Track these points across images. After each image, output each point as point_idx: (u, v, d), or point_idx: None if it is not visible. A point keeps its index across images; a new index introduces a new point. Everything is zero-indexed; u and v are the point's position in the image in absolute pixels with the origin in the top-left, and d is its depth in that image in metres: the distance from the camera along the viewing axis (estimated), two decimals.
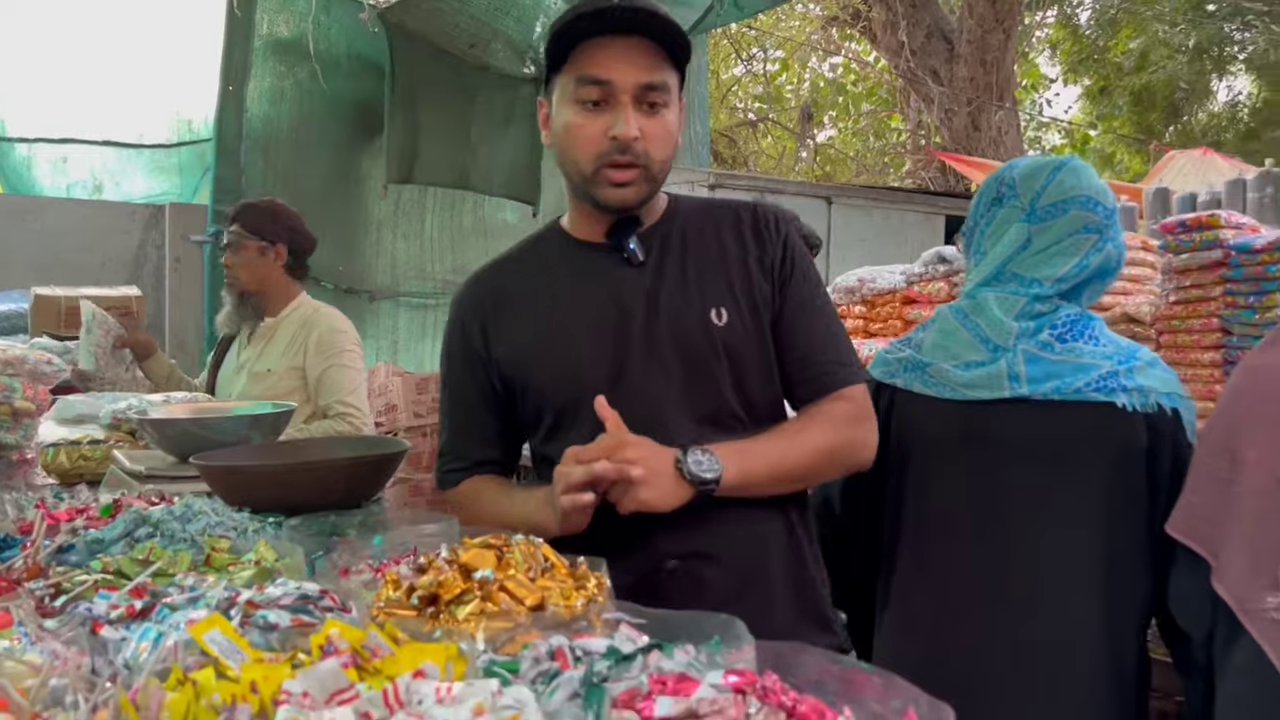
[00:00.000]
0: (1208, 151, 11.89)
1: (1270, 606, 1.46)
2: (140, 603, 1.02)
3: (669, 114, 1.62)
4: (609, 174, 1.59)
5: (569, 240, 1.75)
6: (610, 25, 1.56)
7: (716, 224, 1.73)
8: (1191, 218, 2.91)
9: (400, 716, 0.71)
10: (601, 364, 1.65)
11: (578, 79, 1.57)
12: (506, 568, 1.13)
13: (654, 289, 1.67)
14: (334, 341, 3.20)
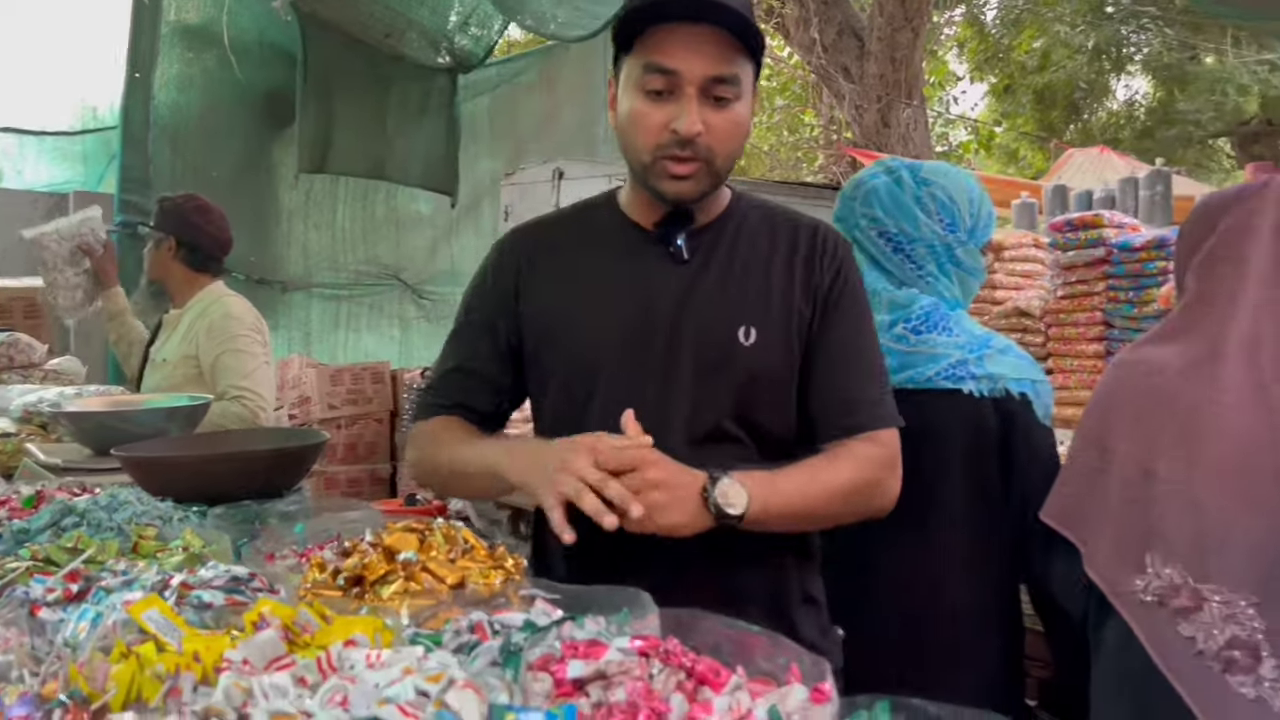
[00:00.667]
0: (1105, 149, 12.35)
1: (1138, 589, 1.55)
2: (76, 586, 1.07)
3: (738, 107, 1.53)
4: (668, 165, 1.52)
5: (621, 217, 1.68)
6: (681, 12, 1.48)
7: (772, 235, 1.66)
8: (1077, 217, 3.08)
9: (334, 680, 0.78)
10: (617, 352, 1.60)
11: (645, 66, 1.49)
12: (428, 550, 1.20)
13: (690, 291, 1.60)
14: (226, 327, 3.16)
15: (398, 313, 8.76)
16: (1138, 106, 17.76)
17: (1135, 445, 1.59)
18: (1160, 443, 1.55)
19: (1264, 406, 1.49)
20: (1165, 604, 1.51)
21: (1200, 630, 1.49)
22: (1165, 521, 1.52)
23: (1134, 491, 1.57)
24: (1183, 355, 1.58)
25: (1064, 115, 17.07)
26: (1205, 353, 1.56)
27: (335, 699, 0.75)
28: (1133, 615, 1.56)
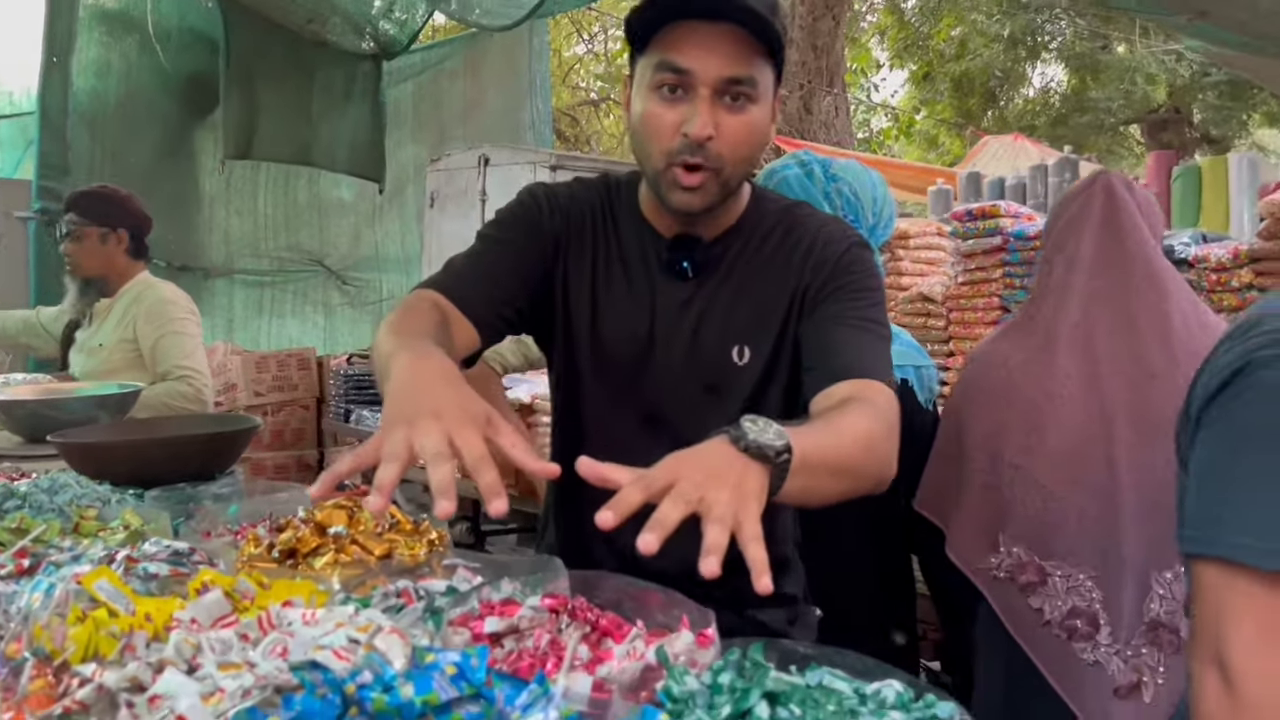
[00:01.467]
0: (1019, 137, 12.70)
1: (992, 566, 1.71)
2: (26, 562, 1.15)
3: (755, 111, 1.43)
4: (678, 174, 1.43)
5: (638, 215, 1.60)
6: (698, 8, 1.39)
7: (783, 240, 1.57)
8: (976, 207, 3.25)
9: (273, 635, 0.88)
10: (625, 358, 1.57)
11: (657, 64, 1.41)
12: (357, 524, 1.30)
13: (690, 308, 1.55)
14: (163, 311, 3.23)
15: (321, 299, 8.74)
16: (1052, 94, 18.22)
17: (986, 434, 1.73)
18: (1006, 432, 1.69)
19: (1095, 397, 1.64)
20: (1015, 579, 1.67)
21: (1046, 602, 1.65)
22: (1013, 505, 1.67)
23: (986, 478, 1.72)
24: (1023, 347, 1.72)
25: (981, 102, 17.45)
26: (1041, 344, 1.69)
27: (275, 650, 0.85)
28: (989, 590, 1.71)
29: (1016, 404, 1.69)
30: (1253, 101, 15.77)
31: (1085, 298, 1.69)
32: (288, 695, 0.71)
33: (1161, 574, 1.60)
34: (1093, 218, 1.72)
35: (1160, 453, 1.60)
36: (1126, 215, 1.74)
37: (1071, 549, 1.63)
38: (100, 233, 3.26)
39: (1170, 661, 1.60)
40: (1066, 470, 1.64)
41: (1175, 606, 1.59)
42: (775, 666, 0.88)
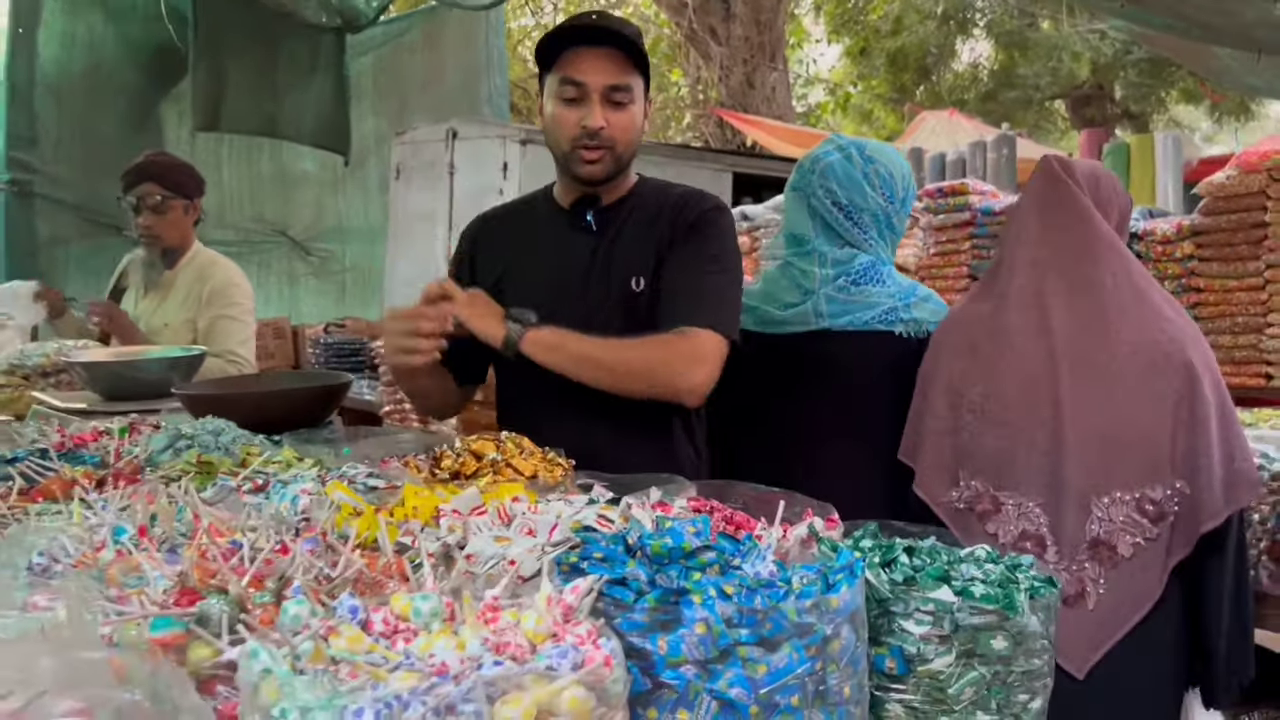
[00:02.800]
0: (954, 113, 13.15)
1: (953, 499, 1.99)
2: (260, 479, 1.42)
3: (633, 109, 2.04)
4: (582, 154, 2.03)
5: (552, 203, 2.21)
6: (586, 38, 1.99)
7: (659, 207, 2.14)
8: (947, 185, 3.58)
9: (516, 524, 1.17)
10: (546, 305, 2.01)
11: (560, 79, 2.01)
12: (505, 452, 1.59)
13: (597, 254, 2.11)
14: (227, 294, 3.33)
15: (286, 270, 8.87)
16: (982, 70, 18.73)
17: (948, 383, 2.02)
18: (968, 377, 1.98)
19: (1042, 346, 1.94)
20: (973, 509, 1.96)
21: (999, 527, 1.94)
22: (971, 444, 1.96)
23: (948, 421, 2.00)
24: (981, 309, 2.03)
25: (915, 77, 17.90)
26: (997, 305, 2.01)
27: (524, 530, 1.14)
28: (950, 520, 1.98)
29: (978, 356, 1.98)
30: (1171, 79, 16.41)
31: (1029, 264, 2.00)
32: (590, 540, 1.00)
33: (1099, 499, 1.88)
34: (1035, 196, 2.05)
35: (1097, 393, 1.90)
36: (1065, 192, 2.03)
37: (1021, 480, 1.91)
38: (184, 204, 3.33)
39: (1109, 574, 1.88)
40: (1018, 410, 1.93)
41: (1113, 527, 1.88)
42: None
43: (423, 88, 9.18)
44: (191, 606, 0.88)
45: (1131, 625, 1.87)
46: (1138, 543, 1.88)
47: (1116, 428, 1.90)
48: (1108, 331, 1.94)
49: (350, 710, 0.68)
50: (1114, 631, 1.87)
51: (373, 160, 8.89)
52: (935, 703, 0.98)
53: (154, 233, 3.34)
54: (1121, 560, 1.89)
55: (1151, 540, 1.88)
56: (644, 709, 0.84)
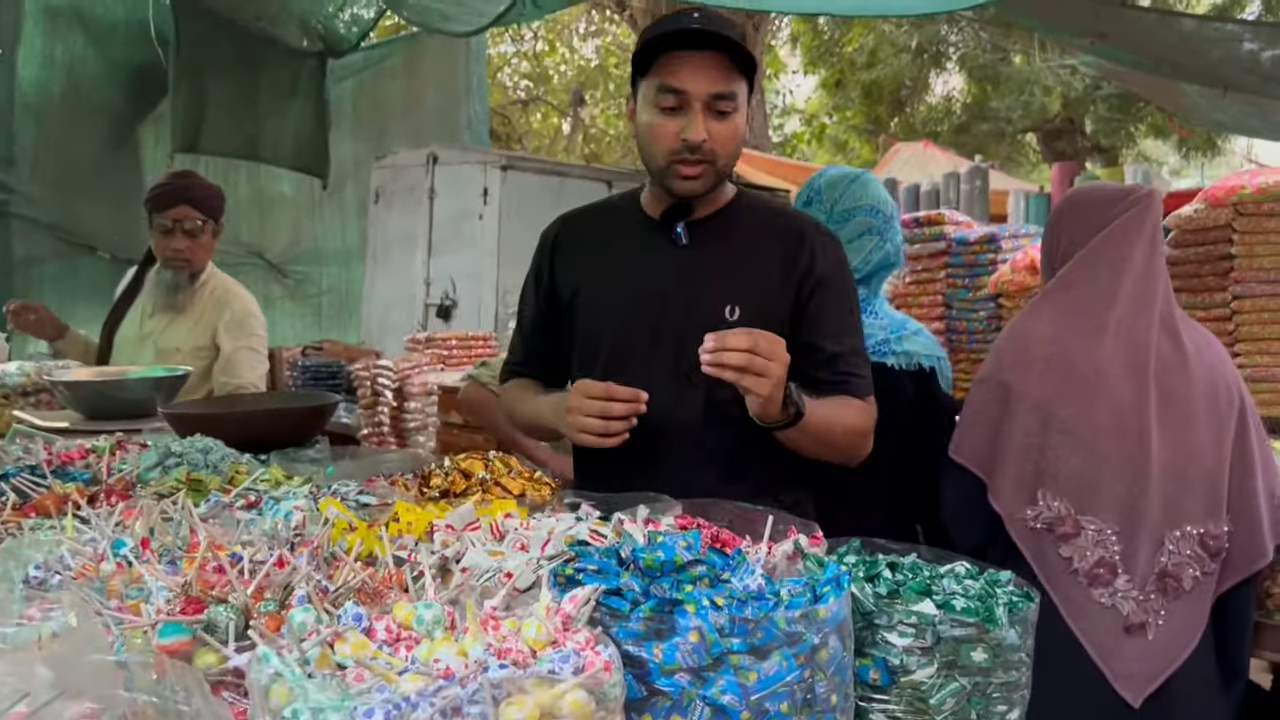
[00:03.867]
0: (928, 144, 13.35)
1: (1029, 518, 2.00)
2: (253, 496, 1.44)
3: (736, 118, 1.85)
4: (679, 169, 1.84)
5: (639, 210, 2.01)
6: (689, 41, 1.79)
7: (764, 228, 1.97)
8: (924, 215, 3.65)
9: (509, 540, 1.19)
10: (622, 322, 1.93)
11: (659, 87, 1.82)
12: (493, 470, 1.61)
13: (687, 272, 1.92)
14: (248, 324, 3.30)
15: (262, 291, 8.81)
16: (955, 103, 18.98)
17: (1039, 400, 2.01)
18: (1061, 399, 1.99)
19: (1134, 380, 1.98)
20: (1052, 530, 1.98)
21: (1075, 552, 1.96)
22: (1058, 463, 1.97)
23: (1033, 439, 2.00)
24: (1075, 328, 2.02)
25: (889, 109, 18.12)
26: (1094, 328, 2.01)
27: (516, 545, 1.17)
28: (1021, 538, 2.00)
29: (1072, 377, 1.99)
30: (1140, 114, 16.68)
31: (1129, 296, 2.02)
32: (584, 553, 1.03)
33: (1172, 532, 1.95)
34: (1145, 230, 2.05)
35: (1181, 432, 1.97)
36: (1161, 234, 2.10)
37: (1103, 506, 1.95)
38: (214, 228, 3.29)
39: (1171, 606, 1.94)
40: (1109, 439, 1.96)
41: (1182, 560, 1.94)
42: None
43: (402, 113, 9.22)
44: (197, 615, 0.90)
45: (1186, 656, 1.92)
46: (1197, 576, 1.95)
47: (1189, 464, 1.97)
48: (1188, 369, 2.01)
49: (361, 710, 0.71)
50: (1171, 662, 1.93)
51: (351, 184, 8.90)
52: (918, 713, 1.01)
53: (185, 256, 3.25)
54: (1184, 593, 1.96)
55: (1209, 574, 1.96)
56: (639, 715, 0.87)
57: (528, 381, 2.11)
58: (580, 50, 17.17)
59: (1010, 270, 3.29)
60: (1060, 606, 1.94)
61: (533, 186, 7.25)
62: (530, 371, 2.12)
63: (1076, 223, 2.13)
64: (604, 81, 16.83)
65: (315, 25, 7.58)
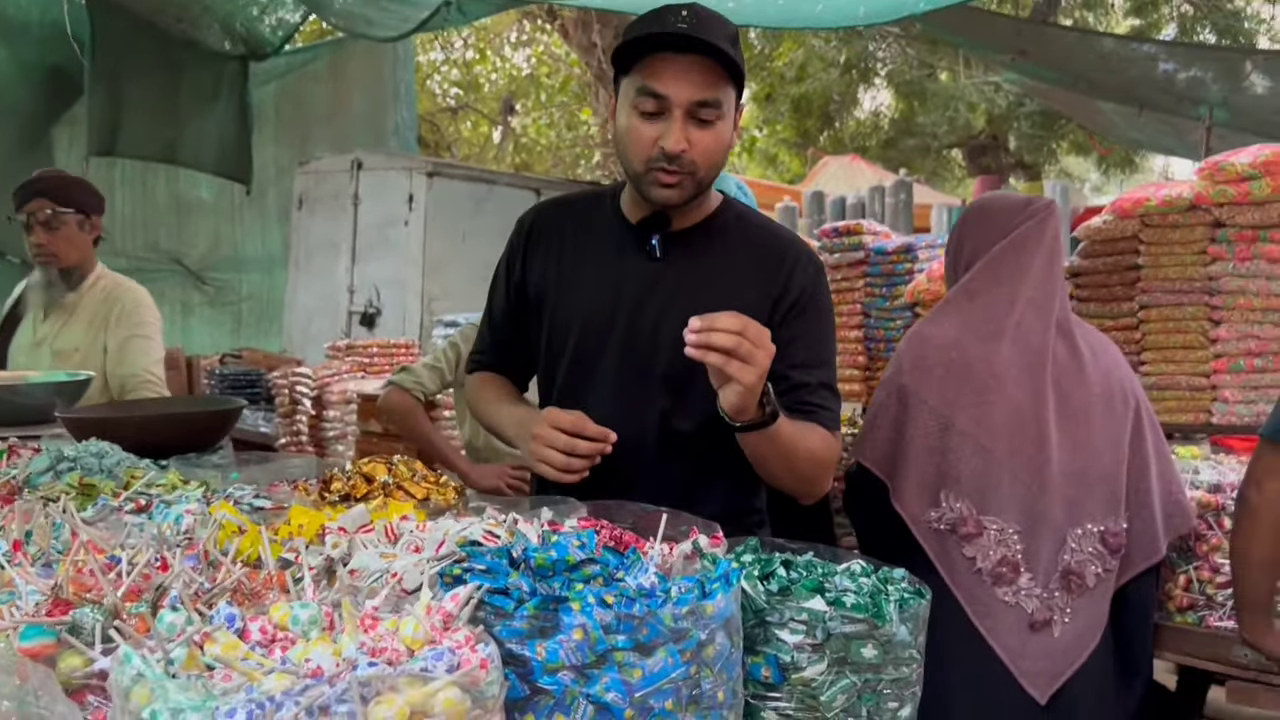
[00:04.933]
0: (855, 158, 13.55)
1: (933, 519, 2.03)
2: (143, 500, 1.40)
3: (721, 127, 1.72)
4: (658, 176, 1.71)
5: (618, 212, 1.89)
6: (673, 44, 1.66)
7: (745, 245, 1.86)
8: (842, 225, 3.69)
9: (406, 537, 1.17)
10: (589, 332, 1.85)
11: (639, 89, 1.68)
12: (396, 475, 1.59)
13: (657, 287, 1.82)
14: (138, 314, 3.20)
15: (180, 298, 8.67)
16: (883, 118, 19.27)
17: (939, 402, 2.05)
18: (959, 402, 2.03)
19: (1031, 383, 2.03)
20: (955, 531, 2.01)
21: (979, 552, 2.00)
22: (959, 465, 2.01)
23: (934, 441, 2.04)
24: (974, 333, 2.07)
25: (818, 124, 18.33)
26: (991, 333, 2.06)
27: (410, 547, 1.15)
28: (925, 540, 2.03)
29: (970, 381, 2.03)
30: (1061, 131, 17.09)
31: (1027, 302, 2.07)
32: (475, 553, 1.01)
33: (1074, 530, 1.99)
34: (1045, 239, 2.10)
35: (1078, 434, 2.02)
36: (1061, 244, 2.15)
37: (1004, 506, 1.99)
38: (78, 220, 3.17)
39: (1076, 603, 1.98)
40: (1007, 440, 2.00)
41: (1084, 558, 1.98)
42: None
43: (326, 118, 9.11)
44: (63, 617, 0.86)
45: (1090, 652, 1.96)
46: (1099, 573, 1.99)
47: (1088, 464, 2.02)
48: (1084, 373, 2.07)
49: (222, 711, 0.69)
50: (1076, 658, 1.97)
51: (272, 189, 8.77)
52: (809, 710, 1.01)
53: (48, 250, 3.15)
54: (1087, 590, 2.00)
55: (1110, 571, 2.01)
56: (521, 714, 0.85)
57: (494, 377, 2.04)
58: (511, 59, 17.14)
59: (926, 280, 3.34)
60: (966, 606, 1.98)
61: (459, 194, 7.21)
62: (496, 364, 2.05)
63: (979, 231, 2.18)
64: (535, 91, 16.81)
65: (238, 28, 7.46)
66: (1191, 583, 2.19)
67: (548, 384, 1.95)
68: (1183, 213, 2.87)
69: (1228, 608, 2.14)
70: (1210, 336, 2.84)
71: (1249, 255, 2.78)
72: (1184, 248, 2.88)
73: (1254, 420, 2.75)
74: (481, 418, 2.02)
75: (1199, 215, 2.85)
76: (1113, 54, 8.11)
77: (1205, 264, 2.84)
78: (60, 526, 1.21)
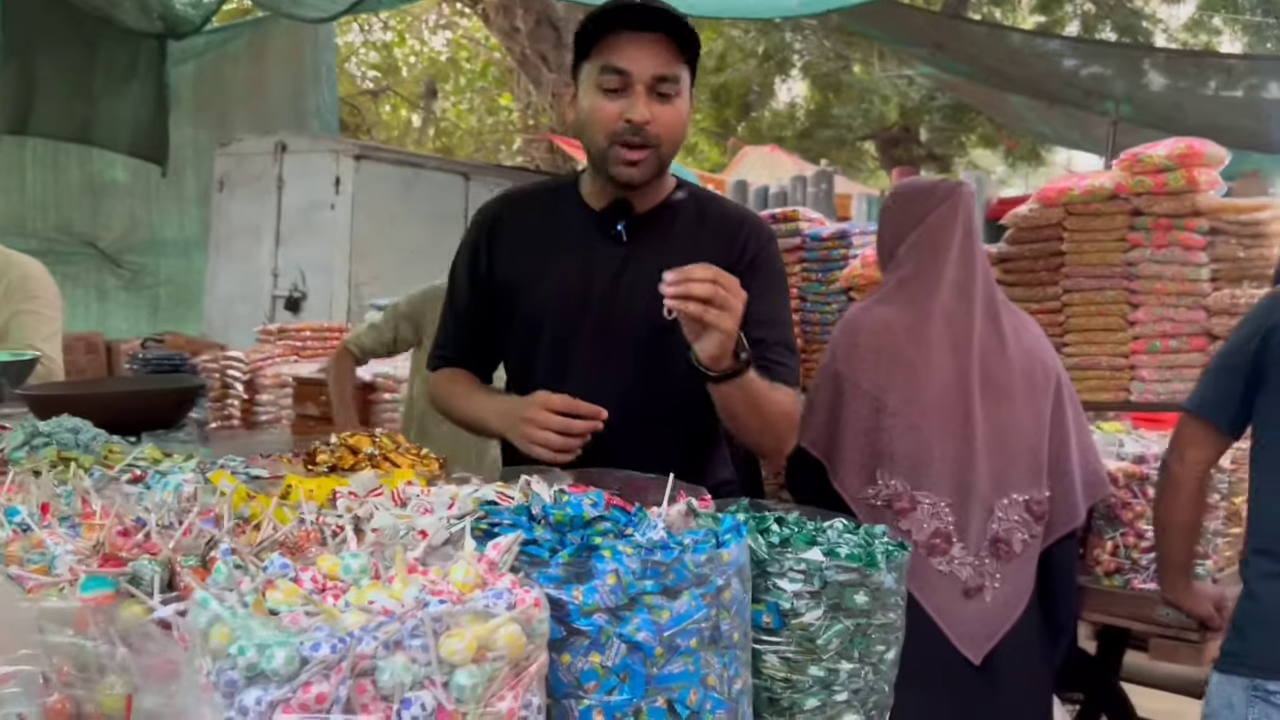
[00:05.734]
0: (774, 148, 13.73)
1: (870, 496, 2.12)
2: (139, 470, 1.42)
3: (679, 103, 1.80)
4: (622, 152, 1.78)
5: (578, 198, 1.96)
6: (632, 21, 1.74)
7: (702, 221, 1.94)
8: (780, 211, 3.79)
9: (412, 504, 1.22)
10: (561, 319, 1.90)
11: (601, 67, 1.76)
12: (380, 447, 1.63)
13: (624, 270, 1.89)
14: (26, 287, 3.05)
15: (95, 282, 8.48)
16: (799, 108, 19.55)
17: (871, 385, 2.15)
18: (890, 385, 2.13)
19: (957, 362, 2.13)
20: (891, 506, 2.11)
21: (913, 525, 2.09)
22: (892, 444, 2.11)
23: (868, 422, 2.14)
24: (901, 318, 2.17)
25: (737, 113, 18.54)
26: (919, 318, 2.16)
27: (420, 509, 1.20)
28: (865, 516, 2.09)
29: (900, 364, 2.13)
30: (971, 125, 17.56)
31: (950, 284, 2.17)
32: (494, 511, 1.07)
33: (1000, 500, 2.10)
34: (959, 220, 2.20)
35: (1002, 409, 2.13)
36: (976, 224, 2.25)
37: (936, 481, 2.08)
38: None
39: (1004, 569, 2.09)
40: (936, 418, 2.10)
41: (1011, 526, 2.10)
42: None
43: (245, 98, 8.97)
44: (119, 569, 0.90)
45: (1019, 614, 2.07)
46: (1025, 540, 2.10)
47: (1011, 437, 2.13)
48: (1006, 349, 2.17)
49: (307, 645, 0.74)
50: (1007, 620, 2.08)
51: (190, 171, 8.61)
52: (806, 653, 1.09)
53: None
54: (1015, 556, 2.11)
55: (1035, 538, 2.12)
56: (558, 654, 0.91)
57: (460, 372, 2.07)
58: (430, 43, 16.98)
59: (861, 265, 3.45)
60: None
61: (387, 177, 7.17)
62: (461, 359, 2.08)
63: (897, 217, 2.30)
64: (455, 75, 16.68)
65: (154, 5, 7.30)
66: (1118, 548, 2.34)
67: (522, 372, 1.98)
68: (1104, 201, 3.03)
69: (1151, 570, 2.29)
70: (1129, 319, 3.00)
71: (1165, 243, 2.95)
72: (1105, 235, 3.04)
73: (1169, 398, 2.91)
74: (454, 411, 2.03)
75: (1119, 204, 3.01)
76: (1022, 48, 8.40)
77: (1124, 250, 3.01)
78: (70, 494, 1.24)
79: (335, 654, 0.74)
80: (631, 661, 0.92)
